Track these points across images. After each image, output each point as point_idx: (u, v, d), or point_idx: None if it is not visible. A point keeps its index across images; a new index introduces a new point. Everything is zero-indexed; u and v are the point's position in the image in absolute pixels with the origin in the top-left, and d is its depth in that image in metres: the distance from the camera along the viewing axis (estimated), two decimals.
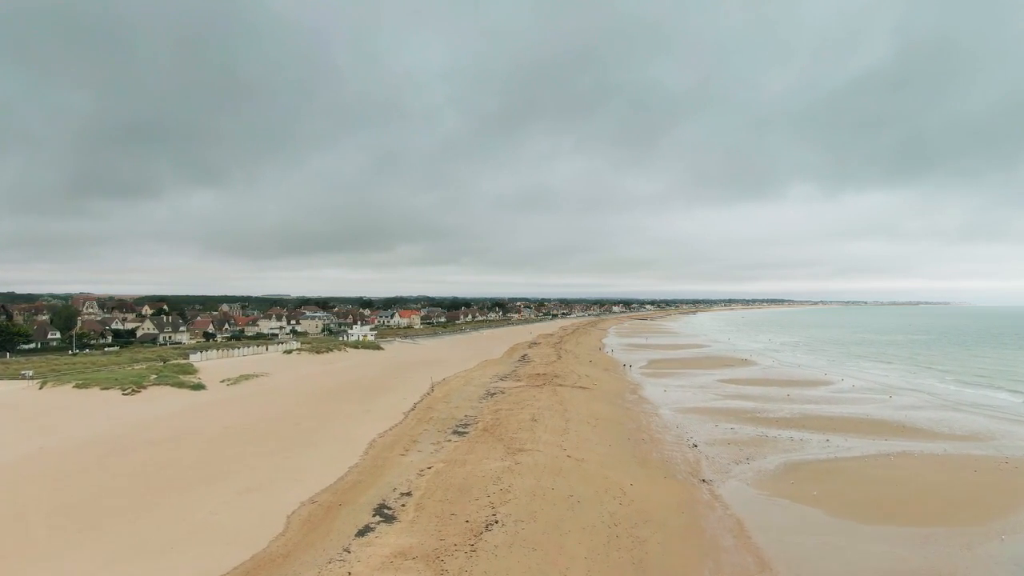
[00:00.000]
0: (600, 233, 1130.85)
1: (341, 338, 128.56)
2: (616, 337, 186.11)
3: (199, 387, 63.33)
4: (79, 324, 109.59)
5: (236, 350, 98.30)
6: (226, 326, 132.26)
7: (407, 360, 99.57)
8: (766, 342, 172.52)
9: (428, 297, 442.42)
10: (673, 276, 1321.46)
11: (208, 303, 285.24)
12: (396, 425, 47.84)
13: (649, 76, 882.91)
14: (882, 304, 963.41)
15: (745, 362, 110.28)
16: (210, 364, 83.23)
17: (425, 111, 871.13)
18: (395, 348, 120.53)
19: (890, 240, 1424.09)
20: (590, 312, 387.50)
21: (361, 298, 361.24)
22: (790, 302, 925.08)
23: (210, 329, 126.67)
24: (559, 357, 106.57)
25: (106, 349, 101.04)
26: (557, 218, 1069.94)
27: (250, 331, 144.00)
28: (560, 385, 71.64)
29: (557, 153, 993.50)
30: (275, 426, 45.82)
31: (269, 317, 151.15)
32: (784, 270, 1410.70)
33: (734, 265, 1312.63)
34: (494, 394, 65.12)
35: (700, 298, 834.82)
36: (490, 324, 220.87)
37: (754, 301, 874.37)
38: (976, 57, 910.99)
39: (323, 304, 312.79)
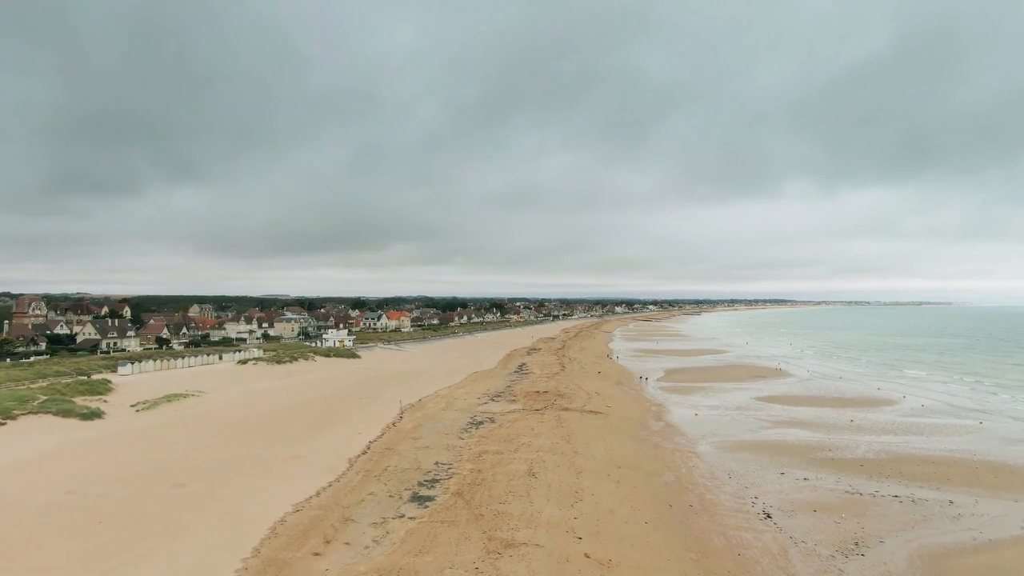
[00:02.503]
0: (594, 232, 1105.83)
1: (315, 343, 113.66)
2: (623, 341, 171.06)
3: (93, 415, 48.36)
4: (5, 329, 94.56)
5: (182, 360, 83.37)
6: (184, 330, 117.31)
7: (383, 372, 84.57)
8: (787, 346, 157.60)
9: (427, 297, 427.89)
10: (672, 276, 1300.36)
11: (203, 303, 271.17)
12: (330, 485, 32.85)
13: (634, 65, 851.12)
14: (884, 304, 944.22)
15: (779, 372, 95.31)
16: (137, 379, 68.31)
17: (401, 101, 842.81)
18: (374, 356, 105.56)
19: (889, 239, 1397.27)
20: (592, 313, 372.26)
21: (359, 298, 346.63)
22: (792, 302, 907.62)
23: (164, 334, 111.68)
24: (562, 368, 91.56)
25: (33, 358, 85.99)
26: (550, 216, 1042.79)
27: (216, 335, 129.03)
28: (565, 409, 56.67)
29: (544, 148, 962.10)
30: (138, 492, 30.71)
31: (238, 320, 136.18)
32: (783, 270, 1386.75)
33: (732, 265, 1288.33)
34: (481, 423, 50.18)
35: (701, 298, 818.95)
36: (486, 327, 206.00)
37: (756, 301, 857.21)
38: (979, 46, 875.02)
39: (319, 304, 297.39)
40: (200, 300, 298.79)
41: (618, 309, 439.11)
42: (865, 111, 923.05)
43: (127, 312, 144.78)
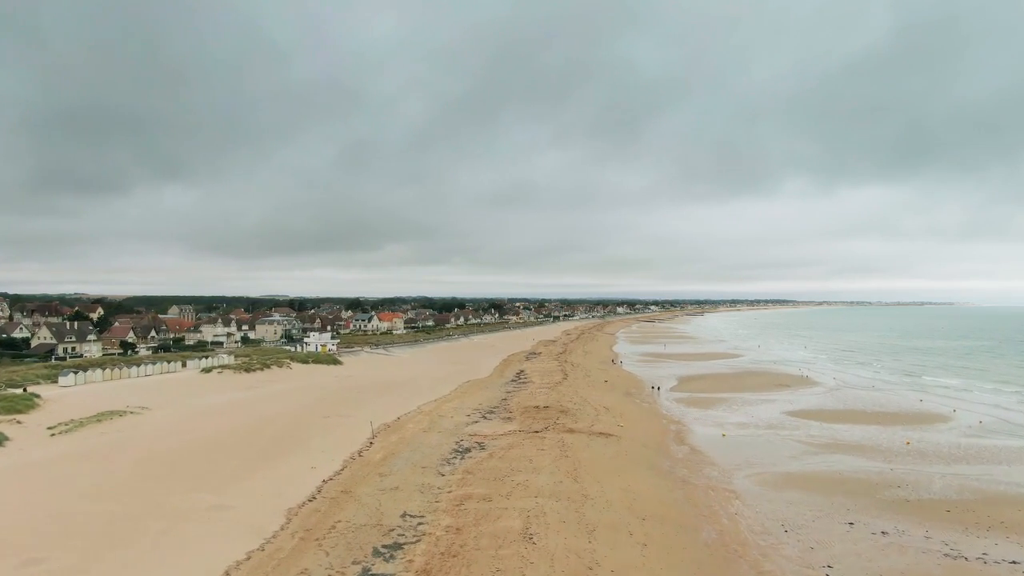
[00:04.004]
0: (592, 231, 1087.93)
1: (295, 348, 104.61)
2: (628, 344, 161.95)
3: None
4: None
5: (138, 368, 74.33)
6: (153, 334, 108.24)
7: (363, 381, 75.56)
8: (801, 350, 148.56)
9: (426, 298, 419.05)
10: (671, 276, 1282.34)
11: (199, 304, 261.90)
12: (248, 557, 23.83)
13: (624, 57, 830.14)
14: (886, 304, 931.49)
15: (802, 381, 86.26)
16: (75, 393, 59.32)
17: (386, 95, 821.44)
18: (357, 362, 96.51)
19: (889, 239, 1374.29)
20: (593, 314, 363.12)
21: (356, 299, 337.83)
22: (794, 302, 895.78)
23: (130, 338, 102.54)
24: (564, 376, 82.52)
25: None
26: (546, 215, 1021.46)
27: (192, 338, 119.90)
28: (570, 430, 47.67)
29: (536, 145, 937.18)
30: None
31: (214, 322, 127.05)
32: (782, 270, 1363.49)
33: (731, 265, 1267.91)
34: (468, 451, 41.22)
35: (702, 299, 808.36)
36: (484, 328, 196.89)
37: (758, 301, 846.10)
38: (979, 39, 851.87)
39: (316, 305, 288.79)
40: (197, 301, 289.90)
41: (620, 310, 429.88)
42: (863, 106, 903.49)
43: (99, 313, 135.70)
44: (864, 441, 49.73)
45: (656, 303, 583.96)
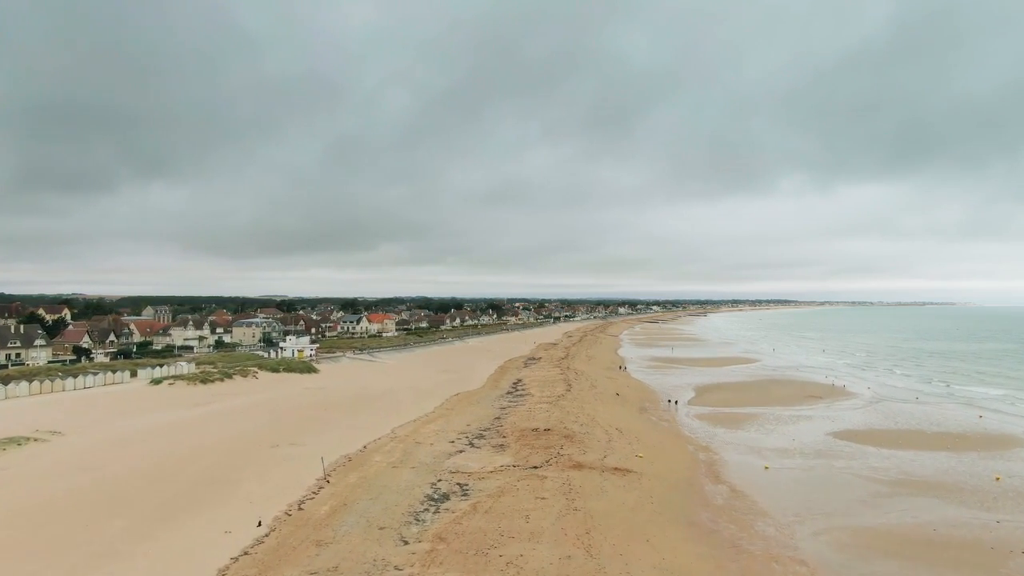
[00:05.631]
0: (589, 231, 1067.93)
1: (270, 353, 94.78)
2: (633, 347, 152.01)
3: None
4: None
5: (76, 379, 64.46)
6: (113, 338, 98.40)
7: (336, 394, 65.76)
8: (819, 353, 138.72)
9: (425, 298, 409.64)
10: (671, 276, 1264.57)
11: (195, 304, 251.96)
12: None
13: (613, 48, 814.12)
14: (888, 305, 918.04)
15: (836, 392, 76.39)
16: None
17: (368, 90, 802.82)
18: (336, 370, 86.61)
19: (888, 238, 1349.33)
20: (595, 314, 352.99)
21: (354, 299, 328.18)
22: (795, 303, 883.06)
23: (85, 343, 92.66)
24: (568, 387, 72.68)
25: None
26: (541, 214, 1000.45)
27: (160, 343, 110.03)
28: (578, 465, 37.91)
29: (526, 141, 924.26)
30: None
31: (185, 325, 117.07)
32: (781, 270, 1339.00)
33: (731, 265, 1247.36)
34: (446, 497, 31.48)
35: (703, 299, 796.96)
36: (480, 330, 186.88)
37: (760, 302, 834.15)
38: (980, 31, 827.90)
39: (312, 305, 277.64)
40: (193, 301, 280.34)
41: (621, 310, 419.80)
42: (861, 101, 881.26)
43: (65, 315, 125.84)
44: (943, 476, 40.00)
45: (657, 303, 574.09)
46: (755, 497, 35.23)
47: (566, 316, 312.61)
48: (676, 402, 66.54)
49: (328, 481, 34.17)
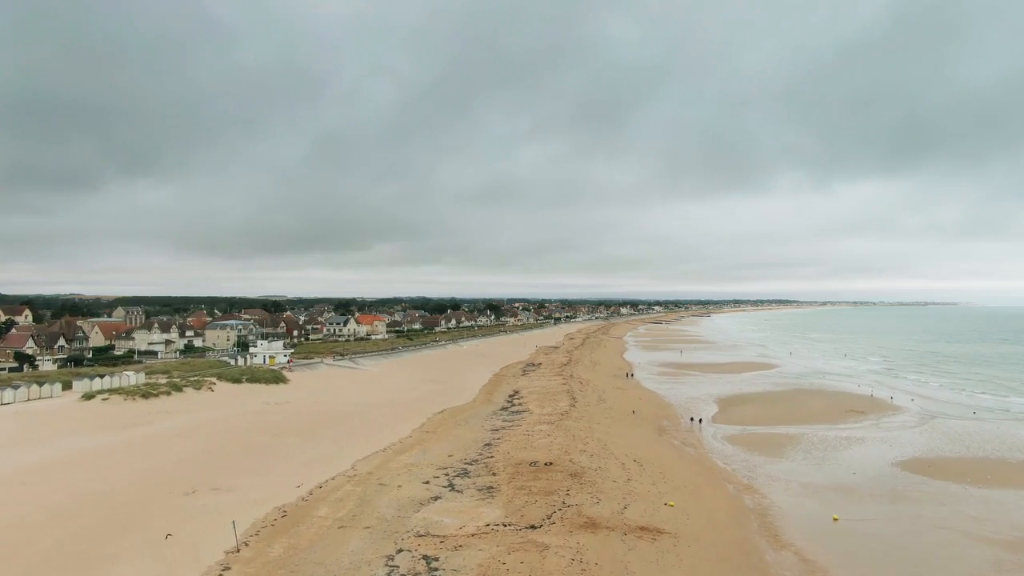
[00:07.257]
0: (584, 230, 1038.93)
1: (239, 360, 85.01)
2: (639, 351, 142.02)
3: None
4: None
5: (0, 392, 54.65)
6: (63, 342, 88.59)
7: (300, 411, 55.98)
8: (842, 357, 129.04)
9: (423, 298, 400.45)
10: (670, 276, 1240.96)
11: (187, 305, 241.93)
12: None
13: (602, 39, 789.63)
14: (890, 305, 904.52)
15: (879, 405, 66.57)
16: None
17: (350, 84, 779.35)
18: (310, 378, 76.78)
19: (887, 237, 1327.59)
20: (597, 315, 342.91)
21: (352, 299, 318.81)
22: (797, 303, 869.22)
23: (29, 348, 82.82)
24: (573, 401, 62.88)
25: None
26: (535, 213, 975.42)
27: (122, 347, 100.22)
28: (591, 523, 28.18)
29: (516, 136, 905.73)
30: None
31: (149, 328, 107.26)
32: (781, 269, 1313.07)
33: (730, 265, 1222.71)
34: None
35: (704, 299, 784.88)
36: (477, 332, 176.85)
37: (762, 302, 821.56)
38: (980, 22, 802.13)
39: (310, 305, 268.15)
40: (192, 301, 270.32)
41: (624, 311, 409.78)
42: (859, 94, 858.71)
43: (26, 317, 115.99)
44: None
45: (659, 303, 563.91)
46: (836, 572, 25.50)
47: (567, 317, 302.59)
48: (700, 420, 56.79)
49: (239, 552, 24.41)
